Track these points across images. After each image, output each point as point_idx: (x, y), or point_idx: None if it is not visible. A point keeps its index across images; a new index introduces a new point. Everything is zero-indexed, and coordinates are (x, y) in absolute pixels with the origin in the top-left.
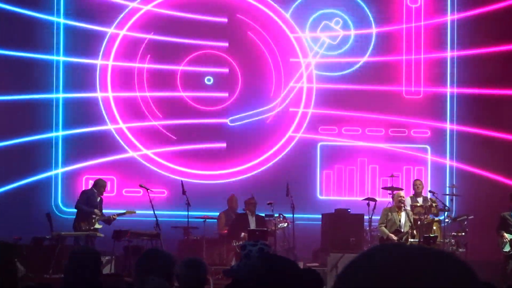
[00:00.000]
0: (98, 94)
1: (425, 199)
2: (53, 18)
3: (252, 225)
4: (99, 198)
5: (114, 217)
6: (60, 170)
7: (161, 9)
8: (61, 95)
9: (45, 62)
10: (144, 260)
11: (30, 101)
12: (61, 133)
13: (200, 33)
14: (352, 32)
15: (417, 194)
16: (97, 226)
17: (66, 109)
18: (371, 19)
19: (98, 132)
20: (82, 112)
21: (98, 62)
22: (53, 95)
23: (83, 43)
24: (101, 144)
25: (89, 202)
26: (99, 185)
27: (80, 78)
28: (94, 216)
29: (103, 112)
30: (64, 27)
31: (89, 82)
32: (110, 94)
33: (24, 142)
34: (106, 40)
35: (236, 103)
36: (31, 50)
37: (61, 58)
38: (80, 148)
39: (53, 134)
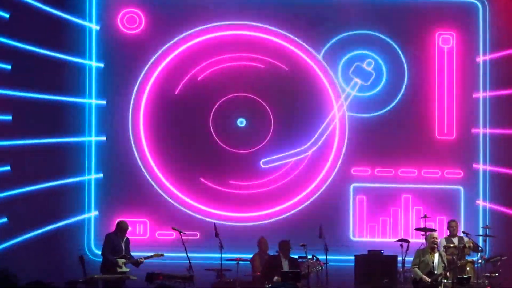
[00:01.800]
0: (131, 137)
1: (460, 239)
2: (86, 61)
3: (285, 267)
4: (125, 238)
5: (141, 260)
6: (93, 214)
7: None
8: (93, 138)
9: (78, 106)
10: None
11: (63, 143)
12: (93, 176)
13: (231, 76)
14: (385, 73)
15: (452, 235)
16: (124, 269)
17: (99, 152)
18: (403, 60)
19: (131, 175)
20: (115, 156)
21: (131, 103)
22: (85, 138)
23: (116, 86)
24: (134, 187)
25: (113, 247)
26: (120, 228)
27: (113, 120)
28: (118, 264)
29: (136, 155)
30: (96, 70)
31: (121, 124)
32: (142, 136)
33: (58, 184)
34: (138, 83)
35: (268, 145)
36: (64, 93)
37: (93, 101)
38: (113, 191)
39: (85, 177)
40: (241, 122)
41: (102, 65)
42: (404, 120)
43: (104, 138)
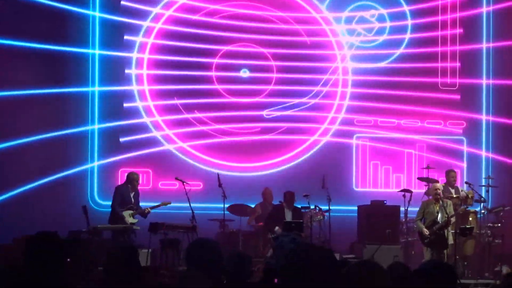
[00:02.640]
0: (134, 87)
1: (457, 190)
2: (89, 12)
3: (288, 217)
4: (133, 192)
5: (148, 210)
6: (96, 163)
7: (196, 2)
8: (96, 88)
9: (81, 56)
10: (192, 251)
11: (65, 94)
12: (96, 126)
13: (235, 26)
14: (388, 24)
15: (450, 185)
16: (132, 220)
17: (102, 102)
18: (407, 11)
19: (133, 125)
20: (118, 105)
21: (134, 55)
22: (88, 89)
23: (119, 36)
24: (137, 137)
25: (123, 199)
26: (131, 179)
27: (115, 71)
28: (126, 216)
29: (139, 105)
30: (99, 20)
31: (125, 75)
32: (146, 87)
33: (60, 135)
34: (141, 33)
35: (271, 96)
36: (66, 43)
37: (97, 52)
38: (116, 141)
39: (89, 128)
40: (244, 71)
41: (105, 15)
42: (407, 71)
43: (107, 88)
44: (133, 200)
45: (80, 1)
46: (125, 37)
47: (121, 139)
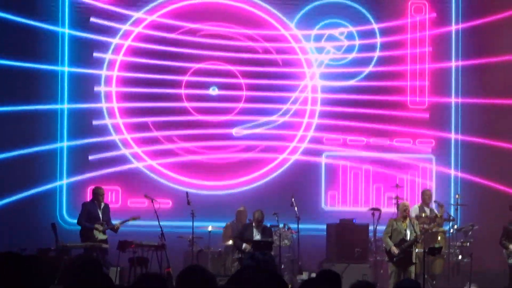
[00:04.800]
0: (103, 105)
1: (431, 210)
2: (58, 29)
3: (257, 236)
4: (102, 205)
5: (117, 225)
6: (65, 181)
7: (165, 19)
8: (66, 106)
9: (50, 73)
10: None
11: (34, 111)
12: (65, 143)
13: (204, 44)
14: (357, 42)
15: (426, 204)
16: (101, 237)
17: (71, 119)
18: (376, 29)
19: (102, 143)
20: (87, 123)
21: (103, 72)
22: (57, 106)
23: (88, 53)
24: (106, 154)
25: (89, 214)
26: (96, 194)
27: (85, 88)
28: (95, 230)
29: (108, 122)
30: (69, 37)
31: (94, 92)
32: (115, 105)
33: (29, 153)
34: (110, 50)
35: (241, 114)
36: (36, 60)
37: (66, 69)
38: (85, 159)
39: (57, 145)
40: (213, 89)
41: (75, 32)
42: (376, 89)
43: (76, 106)
44: (101, 215)
45: (50, 18)
46: (95, 54)
47: (90, 157)
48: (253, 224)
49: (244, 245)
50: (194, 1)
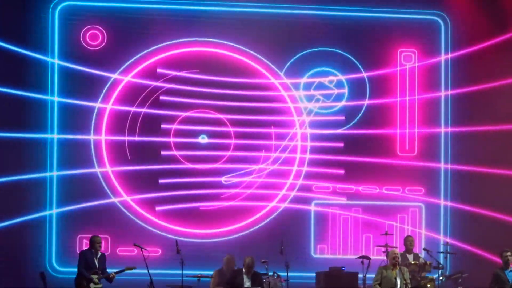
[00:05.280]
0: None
1: (415, 256)
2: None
3: (247, 283)
4: (99, 254)
5: (113, 275)
6: (55, 229)
7: (153, 68)
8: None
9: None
10: None
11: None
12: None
13: (193, 92)
14: (347, 90)
15: (408, 251)
16: (98, 286)
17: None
18: (365, 77)
19: (93, 191)
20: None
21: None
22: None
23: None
24: (95, 203)
25: (86, 263)
26: (93, 242)
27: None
28: (93, 280)
29: (98, 171)
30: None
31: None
32: (104, 152)
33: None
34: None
35: (230, 162)
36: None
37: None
38: (74, 207)
39: (48, 188)
40: (203, 138)
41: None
42: (366, 137)
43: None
44: (97, 264)
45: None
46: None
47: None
48: (244, 270)
49: None
50: (182, 50)
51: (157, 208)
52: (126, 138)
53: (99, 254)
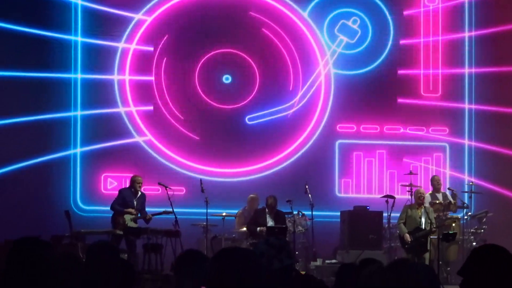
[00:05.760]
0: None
1: (444, 195)
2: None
3: (270, 222)
4: (139, 194)
5: (149, 216)
6: (79, 168)
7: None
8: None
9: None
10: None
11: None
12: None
13: (218, 33)
14: (370, 30)
15: (436, 190)
16: (132, 224)
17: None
18: (389, 17)
19: (117, 131)
20: (101, 112)
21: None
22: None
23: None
24: (120, 142)
25: (124, 201)
26: (133, 181)
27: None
28: (126, 216)
29: (122, 111)
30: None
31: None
32: (128, 91)
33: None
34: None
35: (254, 101)
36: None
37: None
38: (99, 146)
39: (72, 131)
40: (227, 78)
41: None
42: (390, 77)
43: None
44: (135, 203)
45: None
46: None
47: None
48: (266, 210)
49: (258, 228)
50: None
51: (182, 147)
52: (151, 78)
53: (139, 193)
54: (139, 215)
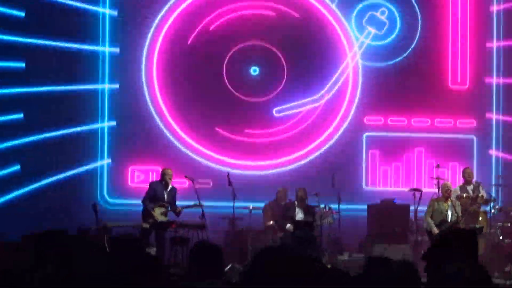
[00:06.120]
0: (144, 86)
1: (475, 187)
2: (99, 9)
3: (299, 215)
4: (169, 187)
5: (180, 209)
6: (106, 161)
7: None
8: (106, 86)
9: (92, 53)
10: (194, 254)
11: (77, 92)
12: (106, 124)
13: (244, 25)
14: (398, 22)
15: (467, 183)
16: (162, 218)
17: (112, 100)
18: (417, 8)
19: (144, 123)
20: (129, 104)
21: (144, 52)
22: (99, 86)
23: (129, 34)
24: (147, 135)
25: (155, 195)
26: (163, 174)
27: (126, 69)
28: (155, 214)
29: (149, 103)
30: (109, 18)
31: (135, 73)
32: (155, 84)
33: (70, 133)
34: (153, 29)
35: (281, 94)
36: (78, 41)
37: (107, 49)
38: (126, 139)
39: (98, 125)
40: (254, 70)
41: (115, 12)
42: (417, 69)
43: (117, 86)
44: (166, 197)
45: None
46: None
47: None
48: (296, 203)
49: (288, 225)
50: None
51: (209, 140)
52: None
53: (170, 187)
54: (169, 208)
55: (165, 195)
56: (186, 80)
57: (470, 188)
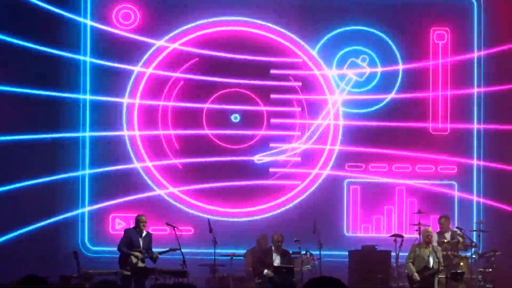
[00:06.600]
0: (125, 133)
1: (453, 233)
2: (80, 57)
3: (277, 261)
4: (144, 234)
5: (156, 255)
6: (87, 209)
7: (187, 47)
8: (87, 134)
9: (72, 100)
10: None
11: (57, 139)
12: (87, 171)
13: (225, 71)
14: (379, 69)
15: (442, 231)
16: (139, 264)
17: (93, 147)
18: (398, 56)
19: (124, 171)
20: (109, 151)
21: (125, 100)
22: (79, 134)
23: (110, 81)
24: (127, 182)
25: (130, 242)
26: (137, 221)
27: (106, 116)
28: (133, 257)
29: (130, 150)
30: (90, 65)
31: (116, 120)
32: (136, 133)
33: (51, 180)
34: (132, 78)
35: (262, 141)
36: (58, 88)
37: (88, 97)
38: (106, 186)
39: (79, 173)
40: (235, 117)
41: (96, 61)
42: (398, 116)
43: (98, 134)
44: (141, 243)
45: (71, 46)
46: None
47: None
48: (273, 248)
49: (265, 271)
50: (213, 29)
51: (190, 187)
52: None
53: (144, 233)
54: (145, 254)
55: (141, 242)
56: (166, 127)
57: (447, 234)
